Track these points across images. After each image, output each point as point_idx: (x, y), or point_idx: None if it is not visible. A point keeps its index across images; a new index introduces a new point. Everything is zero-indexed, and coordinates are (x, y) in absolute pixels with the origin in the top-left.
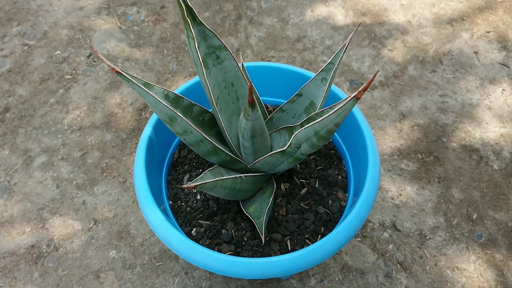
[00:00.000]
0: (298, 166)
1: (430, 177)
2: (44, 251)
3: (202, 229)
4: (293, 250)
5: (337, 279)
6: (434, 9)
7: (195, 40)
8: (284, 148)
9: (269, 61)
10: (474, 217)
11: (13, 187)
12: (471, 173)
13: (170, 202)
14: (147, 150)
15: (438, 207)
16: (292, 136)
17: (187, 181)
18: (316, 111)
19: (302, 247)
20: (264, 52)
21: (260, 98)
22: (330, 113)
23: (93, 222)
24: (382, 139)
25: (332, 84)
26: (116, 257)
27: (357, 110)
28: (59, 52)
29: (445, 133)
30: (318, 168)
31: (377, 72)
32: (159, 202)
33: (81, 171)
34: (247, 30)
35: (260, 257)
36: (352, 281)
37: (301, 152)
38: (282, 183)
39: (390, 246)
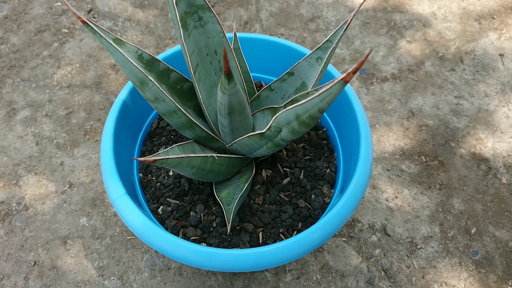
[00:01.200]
0: (285, 153)
1: (432, 182)
2: (13, 209)
3: (170, 208)
4: (264, 243)
5: (314, 278)
6: (463, 3)
7: None
8: (263, 130)
9: (279, 37)
10: (473, 231)
11: None
12: (476, 184)
13: (141, 175)
14: (119, 116)
15: (435, 216)
16: (273, 118)
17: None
18: (302, 93)
19: (274, 241)
20: (273, 28)
21: (253, 74)
22: (314, 95)
23: (68, 185)
24: (385, 135)
25: (332, 67)
26: (87, 225)
27: (356, 100)
28: (59, 4)
29: (455, 137)
30: (305, 157)
31: (370, 52)
32: (127, 173)
33: (63, 130)
34: (259, 2)
35: (227, 246)
36: (330, 283)
37: (282, 137)
38: (264, 169)
39: (377, 251)
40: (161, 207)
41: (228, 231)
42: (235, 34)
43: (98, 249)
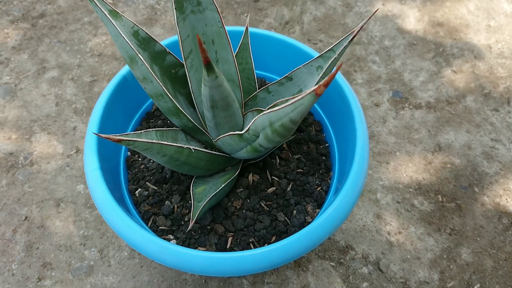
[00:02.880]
0: (278, 160)
1: (443, 225)
2: (19, 162)
3: (147, 193)
4: (230, 250)
5: None
6: None
7: None
8: (242, 132)
9: (315, 44)
10: (475, 287)
11: (17, 91)
12: (492, 238)
13: (129, 153)
14: (116, 90)
15: (437, 262)
16: (251, 121)
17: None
18: (281, 100)
19: (242, 249)
20: (313, 33)
21: (260, 72)
22: (286, 104)
23: (75, 150)
24: (404, 165)
25: (342, 77)
26: (82, 192)
27: (361, 121)
28: None
29: (481, 182)
30: (298, 170)
31: (341, 65)
32: (113, 150)
33: (84, 96)
34: (305, 4)
35: (193, 244)
36: None
37: (259, 143)
38: (251, 174)
39: (365, 285)
40: (139, 189)
41: (189, 228)
42: (247, 28)
43: (87, 218)
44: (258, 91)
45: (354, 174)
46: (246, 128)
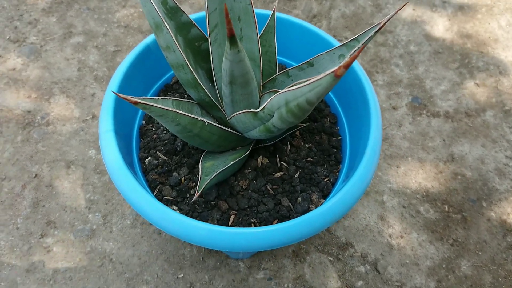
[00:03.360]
0: (289, 147)
1: (446, 235)
2: (36, 121)
3: (156, 162)
4: (231, 227)
5: (286, 285)
6: None
7: None
8: (257, 110)
9: (341, 40)
10: None
11: (42, 52)
12: (494, 254)
13: (143, 122)
14: (138, 58)
15: (435, 270)
16: (268, 100)
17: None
18: (300, 80)
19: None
20: (339, 29)
21: (281, 58)
22: (304, 84)
23: (91, 116)
24: (415, 171)
25: (361, 68)
26: (93, 157)
27: (376, 118)
28: None
29: (490, 198)
30: (308, 159)
31: (361, 49)
32: (129, 117)
33: (106, 65)
34: (335, 0)
35: (196, 217)
36: None
37: (273, 123)
38: (261, 156)
39: (360, 283)
40: (149, 158)
41: (194, 199)
42: (274, 11)
43: (95, 183)
44: (277, 74)
45: (362, 168)
46: (262, 106)
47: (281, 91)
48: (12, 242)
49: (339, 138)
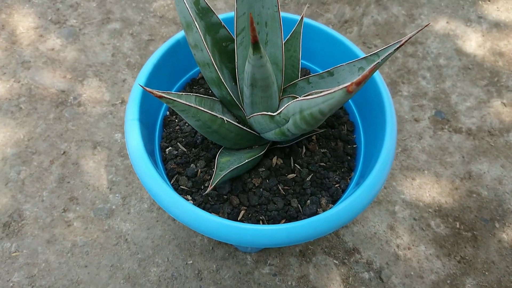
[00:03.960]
0: (304, 150)
1: (454, 251)
2: (69, 101)
3: (176, 152)
4: (240, 222)
5: (289, 283)
6: None
7: None
8: (274, 114)
9: (369, 48)
10: None
11: (80, 36)
12: (501, 275)
13: (168, 112)
14: (168, 52)
15: (439, 285)
16: (285, 105)
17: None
18: (316, 90)
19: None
20: (370, 37)
21: (306, 62)
22: (318, 95)
23: (120, 101)
24: (430, 185)
25: (382, 80)
26: (119, 141)
27: (392, 131)
28: None
29: (503, 219)
30: (321, 163)
31: (375, 67)
32: (155, 106)
33: (139, 52)
34: (368, 7)
35: (208, 209)
36: None
37: (287, 127)
38: (276, 157)
39: None
40: (170, 148)
41: (207, 192)
42: (302, 18)
43: (118, 165)
44: (299, 79)
45: (371, 179)
46: (279, 111)
47: (298, 98)
48: (36, 213)
49: (354, 146)
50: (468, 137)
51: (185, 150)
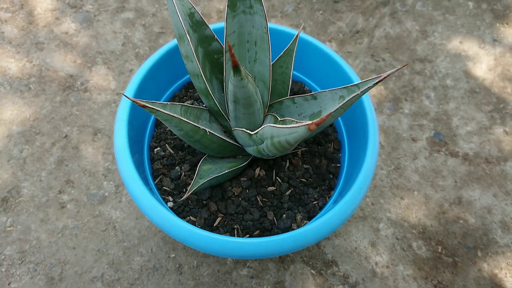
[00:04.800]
0: (287, 164)
1: (432, 275)
2: (76, 85)
3: (163, 154)
4: (216, 228)
5: (265, 287)
6: None
7: None
8: (252, 133)
9: (377, 62)
10: None
11: (94, 22)
12: None
13: None
14: (168, 53)
15: None
16: (262, 127)
17: None
18: (288, 119)
19: (225, 232)
20: (379, 50)
21: (299, 74)
22: (286, 126)
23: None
24: (417, 206)
25: (370, 103)
26: None
27: (372, 156)
28: None
29: (486, 248)
30: (302, 179)
31: (329, 114)
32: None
33: (149, 44)
34: (382, 19)
35: (187, 212)
36: None
37: (263, 148)
38: (260, 168)
39: None
40: (158, 148)
41: (183, 198)
42: (297, 36)
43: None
44: (285, 98)
45: (343, 203)
46: (256, 131)
47: (270, 125)
48: (33, 192)
49: (338, 165)
50: (464, 162)
51: (172, 152)
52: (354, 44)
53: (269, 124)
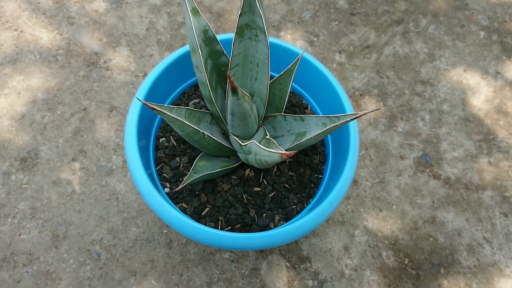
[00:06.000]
0: (275, 169)
1: (395, 284)
2: (99, 63)
3: (167, 144)
4: (203, 217)
5: (243, 271)
6: None
7: (242, 7)
8: (243, 144)
9: (381, 78)
10: None
11: (123, 4)
12: None
13: None
14: (181, 57)
15: None
16: (249, 141)
17: (191, 105)
18: (270, 139)
19: (211, 222)
20: (385, 67)
21: (298, 88)
22: (266, 149)
23: (143, 74)
24: (393, 219)
25: (356, 127)
26: None
27: (347, 177)
28: None
29: (450, 267)
30: (285, 184)
31: (295, 152)
32: (163, 98)
33: (171, 33)
34: (393, 38)
35: (180, 200)
36: (250, 284)
37: (249, 158)
38: (250, 169)
39: None
40: (163, 138)
41: (177, 189)
42: (298, 59)
43: None
44: (279, 114)
45: (314, 214)
46: (245, 143)
47: (255, 143)
48: (50, 156)
49: (320, 176)
50: (445, 185)
51: (175, 144)
52: (362, 58)
53: (254, 142)
